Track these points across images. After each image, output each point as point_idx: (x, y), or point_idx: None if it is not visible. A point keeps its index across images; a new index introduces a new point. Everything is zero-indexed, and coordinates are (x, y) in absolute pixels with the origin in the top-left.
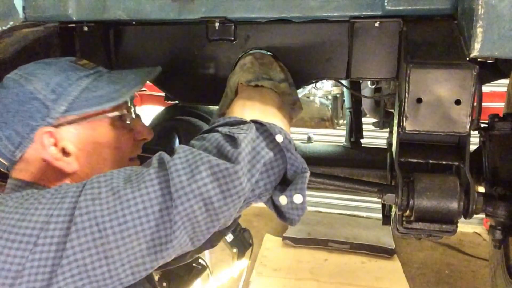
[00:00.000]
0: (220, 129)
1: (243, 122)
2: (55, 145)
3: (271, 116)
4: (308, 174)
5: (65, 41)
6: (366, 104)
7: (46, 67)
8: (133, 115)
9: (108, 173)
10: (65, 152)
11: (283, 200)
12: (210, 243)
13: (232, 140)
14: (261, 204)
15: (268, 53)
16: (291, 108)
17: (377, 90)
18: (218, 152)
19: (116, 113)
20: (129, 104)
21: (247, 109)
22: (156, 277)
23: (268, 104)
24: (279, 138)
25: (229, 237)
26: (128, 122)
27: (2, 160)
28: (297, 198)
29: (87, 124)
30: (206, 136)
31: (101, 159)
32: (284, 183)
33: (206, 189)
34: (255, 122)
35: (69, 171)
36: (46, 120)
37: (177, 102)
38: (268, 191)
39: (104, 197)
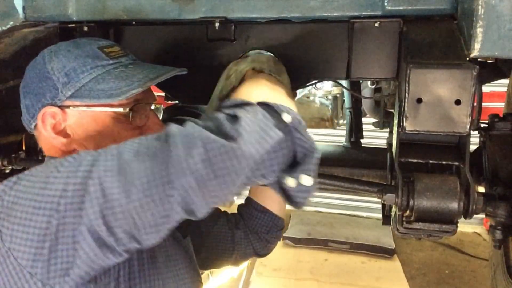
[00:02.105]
0: (223, 109)
1: (247, 103)
2: (54, 125)
3: (278, 97)
4: (317, 154)
5: None
6: (366, 104)
7: (71, 49)
8: (148, 112)
9: (122, 145)
10: (66, 134)
11: (291, 182)
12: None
13: (233, 118)
14: None
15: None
16: None
17: (377, 90)
18: (217, 130)
19: (119, 109)
20: (144, 103)
21: (255, 92)
22: None
23: (277, 90)
24: (287, 118)
25: None
26: (135, 119)
27: (25, 124)
28: (306, 180)
29: (90, 113)
30: (210, 116)
31: (99, 149)
32: (293, 166)
33: (201, 165)
34: (260, 103)
35: (69, 150)
36: (54, 101)
37: (177, 102)
38: (275, 173)
39: (115, 169)
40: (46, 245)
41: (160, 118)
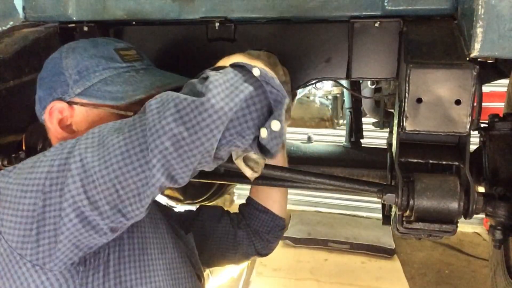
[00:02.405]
0: (198, 75)
1: (222, 67)
2: (60, 120)
3: (255, 63)
4: (286, 100)
5: (65, 41)
6: (366, 104)
7: (88, 48)
8: None
9: (103, 125)
10: (71, 129)
11: (263, 133)
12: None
13: (204, 79)
14: None
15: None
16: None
17: (377, 90)
18: (188, 91)
19: (119, 112)
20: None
21: (231, 61)
22: None
23: (256, 60)
24: (256, 72)
25: None
26: None
27: (38, 114)
28: (275, 125)
29: (96, 111)
30: (187, 82)
31: None
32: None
33: (174, 125)
34: (232, 65)
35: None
36: (64, 96)
37: None
38: (250, 129)
39: (96, 145)
40: (33, 226)
41: None
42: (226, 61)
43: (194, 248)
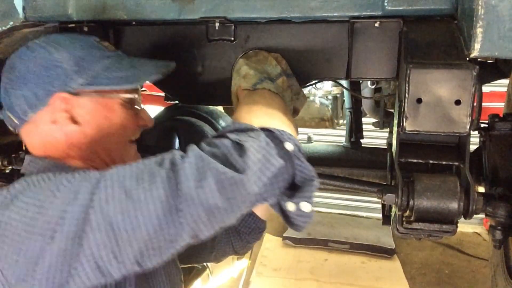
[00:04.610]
0: (229, 135)
1: (251, 129)
2: (66, 111)
3: (278, 120)
4: (316, 182)
5: None
6: (366, 104)
7: (73, 41)
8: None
9: (122, 170)
10: (74, 121)
11: (290, 206)
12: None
13: (240, 148)
14: None
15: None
16: (296, 98)
17: (377, 90)
18: (225, 160)
19: (128, 96)
20: (140, 91)
21: (254, 114)
22: None
23: (273, 108)
24: (288, 146)
25: None
26: (136, 107)
27: (12, 118)
28: (305, 206)
29: (101, 99)
30: (215, 141)
31: (106, 134)
32: (292, 189)
33: (212, 196)
34: (264, 129)
35: (73, 139)
36: (64, 88)
37: (177, 102)
38: (275, 196)
39: (117, 197)
40: (37, 268)
41: None
42: (249, 109)
43: None
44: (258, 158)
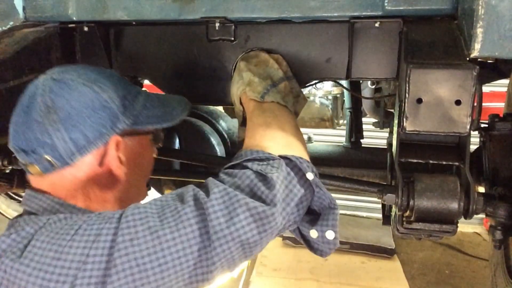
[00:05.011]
0: (249, 165)
1: (272, 158)
2: (117, 153)
3: (294, 143)
4: (338, 211)
5: (65, 42)
6: (366, 104)
7: (109, 78)
8: None
9: (142, 208)
10: (121, 162)
11: (313, 234)
12: None
13: (265, 179)
14: None
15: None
16: (296, 101)
17: (377, 90)
18: (251, 192)
19: (156, 134)
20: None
21: (269, 138)
22: None
23: (285, 123)
24: (309, 176)
25: None
26: (159, 144)
27: (51, 161)
28: (330, 234)
29: (138, 138)
30: (236, 172)
31: (138, 173)
32: (310, 214)
33: (244, 232)
34: (283, 157)
35: (120, 180)
36: (114, 130)
37: None
38: (296, 223)
39: (142, 237)
40: None
41: None
42: (261, 132)
43: None
44: (283, 189)
